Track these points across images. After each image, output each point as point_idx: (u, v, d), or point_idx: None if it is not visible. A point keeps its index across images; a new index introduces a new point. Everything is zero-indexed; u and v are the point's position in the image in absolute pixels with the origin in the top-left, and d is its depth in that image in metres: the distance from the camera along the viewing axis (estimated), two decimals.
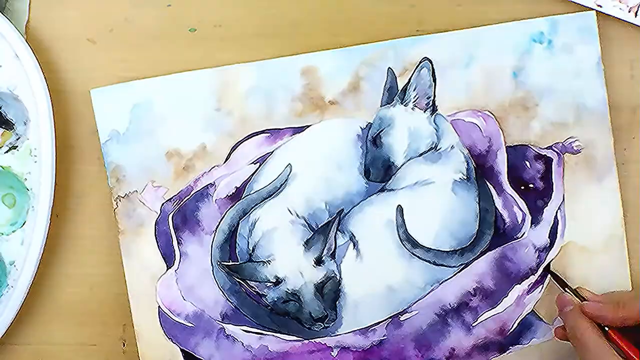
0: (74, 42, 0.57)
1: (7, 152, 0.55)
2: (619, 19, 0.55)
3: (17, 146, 0.55)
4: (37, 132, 0.55)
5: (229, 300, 0.56)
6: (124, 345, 0.58)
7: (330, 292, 0.56)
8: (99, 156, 0.57)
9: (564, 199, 0.56)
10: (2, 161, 0.55)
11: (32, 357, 0.58)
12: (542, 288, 0.56)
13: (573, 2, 0.55)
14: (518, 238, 0.56)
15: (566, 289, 0.54)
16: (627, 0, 0.55)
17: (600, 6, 0.55)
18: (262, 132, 0.56)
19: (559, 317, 0.56)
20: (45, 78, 0.55)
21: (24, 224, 0.55)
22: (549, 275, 0.55)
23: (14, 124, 0.56)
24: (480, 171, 0.56)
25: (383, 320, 0.56)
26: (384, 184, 0.56)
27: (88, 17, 0.57)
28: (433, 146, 0.56)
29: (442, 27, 0.55)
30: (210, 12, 0.57)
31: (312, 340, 0.56)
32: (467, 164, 0.56)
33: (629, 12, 0.54)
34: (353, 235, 0.56)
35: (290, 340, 0.56)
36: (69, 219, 0.57)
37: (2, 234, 0.56)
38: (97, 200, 0.57)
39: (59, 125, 0.55)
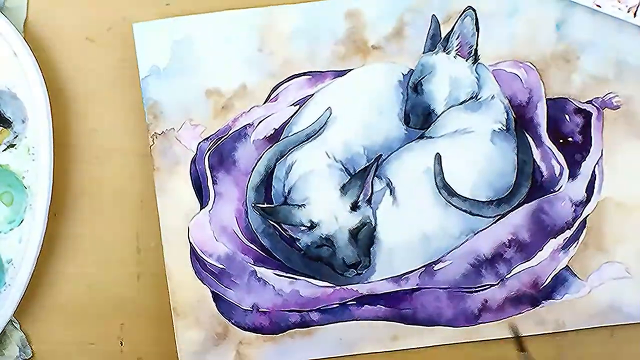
0: (73, 40, 0.57)
1: (5, 150, 0.55)
2: (618, 19, 0.55)
3: (15, 144, 0.55)
4: (35, 130, 0.54)
5: (262, 243, 0.56)
6: (121, 344, 0.57)
7: (364, 238, 0.55)
8: (97, 155, 0.57)
9: (602, 154, 0.55)
10: (0, 159, 0.55)
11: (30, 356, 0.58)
12: (577, 243, 0.56)
13: (571, 1, 0.55)
14: (555, 191, 0.56)
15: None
16: (626, 0, 0.54)
17: (599, 6, 0.55)
18: (304, 74, 0.56)
19: (593, 274, 0.56)
20: (43, 76, 0.54)
21: (21, 222, 0.55)
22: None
23: (12, 122, 0.55)
24: (519, 122, 0.56)
25: (417, 269, 0.56)
26: (423, 131, 0.56)
27: (87, 15, 0.57)
28: (474, 95, 0.56)
29: None
30: (209, 11, 0.56)
31: (344, 287, 0.56)
32: (507, 115, 0.56)
33: (628, 12, 0.54)
34: (390, 181, 0.56)
35: (321, 286, 0.56)
36: (66, 217, 0.57)
37: (0, 232, 0.55)
38: (95, 199, 0.57)
39: (57, 123, 0.55)
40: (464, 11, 0.55)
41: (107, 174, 0.57)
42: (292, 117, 0.56)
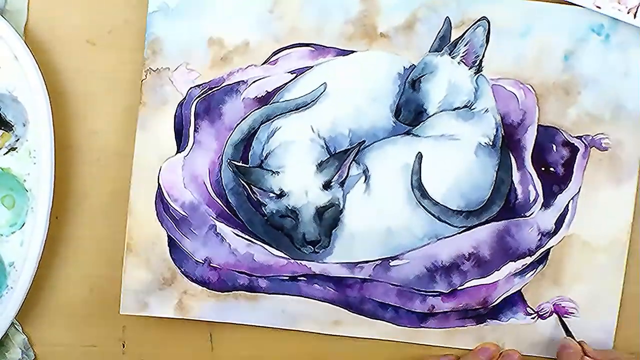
0: (73, 43, 0.56)
1: (6, 153, 0.55)
2: (618, 20, 0.55)
3: (16, 147, 0.55)
4: (37, 133, 0.54)
5: (228, 200, 0.56)
6: (123, 346, 0.57)
7: (329, 218, 0.55)
8: (98, 157, 0.57)
9: (579, 191, 0.56)
10: (1, 162, 0.55)
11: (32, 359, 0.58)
12: (534, 272, 0.56)
13: (570, 2, 0.55)
14: (525, 216, 0.56)
15: (569, 337, 0.55)
16: (625, 1, 0.54)
17: (599, 7, 0.55)
18: (307, 45, 0.56)
19: (543, 305, 0.56)
20: (44, 79, 0.54)
21: (23, 225, 0.55)
22: (557, 318, 0.56)
23: (13, 126, 0.55)
24: (506, 141, 0.56)
25: (373, 260, 0.56)
26: (411, 127, 0.56)
27: (87, 18, 0.56)
28: (468, 104, 0.56)
29: None
30: None
31: (298, 262, 0.56)
32: (496, 131, 0.56)
33: (628, 13, 0.54)
34: (367, 169, 0.56)
35: (276, 255, 0.56)
36: (68, 220, 0.57)
37: (2, 235, 0.55)
38: (97, 201, 0.57)
39: (58, 126, 0.55)
40: (478, 20, 0.55)
41: (108, 176, 0.57)
42: (286, 84, 0.56)
